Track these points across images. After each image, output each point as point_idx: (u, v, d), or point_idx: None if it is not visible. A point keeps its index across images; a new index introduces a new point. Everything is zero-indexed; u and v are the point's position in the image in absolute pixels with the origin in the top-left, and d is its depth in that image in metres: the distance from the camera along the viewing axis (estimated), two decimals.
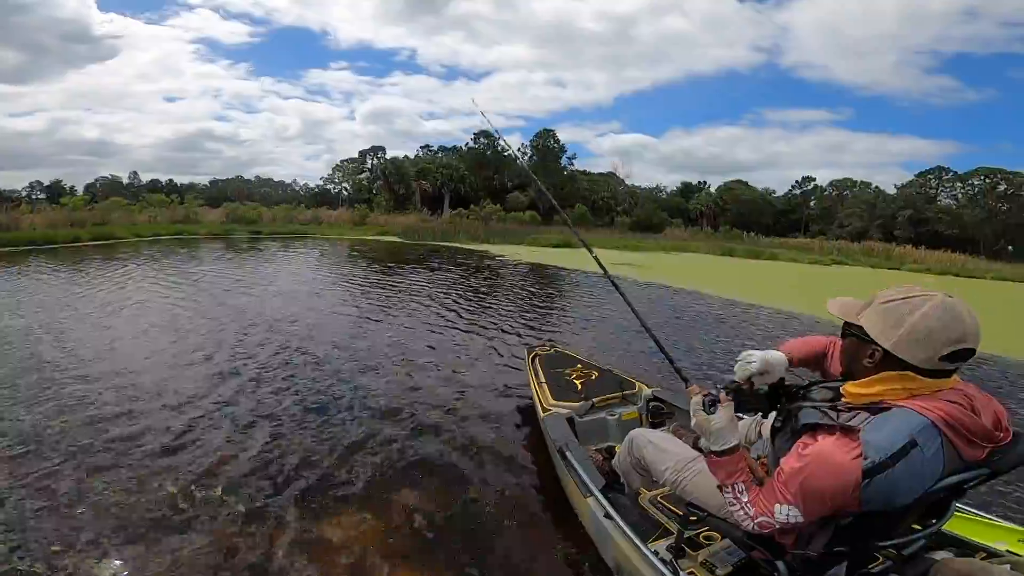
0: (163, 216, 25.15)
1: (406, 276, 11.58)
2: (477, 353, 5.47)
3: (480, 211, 35.43)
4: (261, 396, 3.99)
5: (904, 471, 1.09)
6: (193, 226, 23.30)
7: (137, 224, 22.46)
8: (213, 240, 20.47)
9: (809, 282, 14.66)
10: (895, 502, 1.14)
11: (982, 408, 1.16)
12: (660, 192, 57.64)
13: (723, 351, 5.99)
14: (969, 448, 1.14)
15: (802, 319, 8.24)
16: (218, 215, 27.10)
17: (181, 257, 13.88)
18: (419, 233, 25.09)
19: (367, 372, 4.65)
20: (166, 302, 7.64)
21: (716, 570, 1.64)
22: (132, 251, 14.74)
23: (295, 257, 15.48)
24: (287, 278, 10.68)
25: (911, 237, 36.24)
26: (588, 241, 2.77)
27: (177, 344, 5.42)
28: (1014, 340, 6.96)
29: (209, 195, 55.04)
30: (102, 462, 2.93)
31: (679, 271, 15.25)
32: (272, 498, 2.64)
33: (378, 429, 3.46)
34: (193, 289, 8.76)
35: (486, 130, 48.24)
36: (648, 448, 1.87)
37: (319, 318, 6.86)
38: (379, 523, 2.47)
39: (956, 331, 1.12)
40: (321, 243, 21.06)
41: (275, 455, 3.08)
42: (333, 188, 59.34)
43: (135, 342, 5.52)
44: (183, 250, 15.76)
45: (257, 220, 26.82)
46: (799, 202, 51.87)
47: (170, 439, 3.23)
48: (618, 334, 6.63)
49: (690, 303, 9.47)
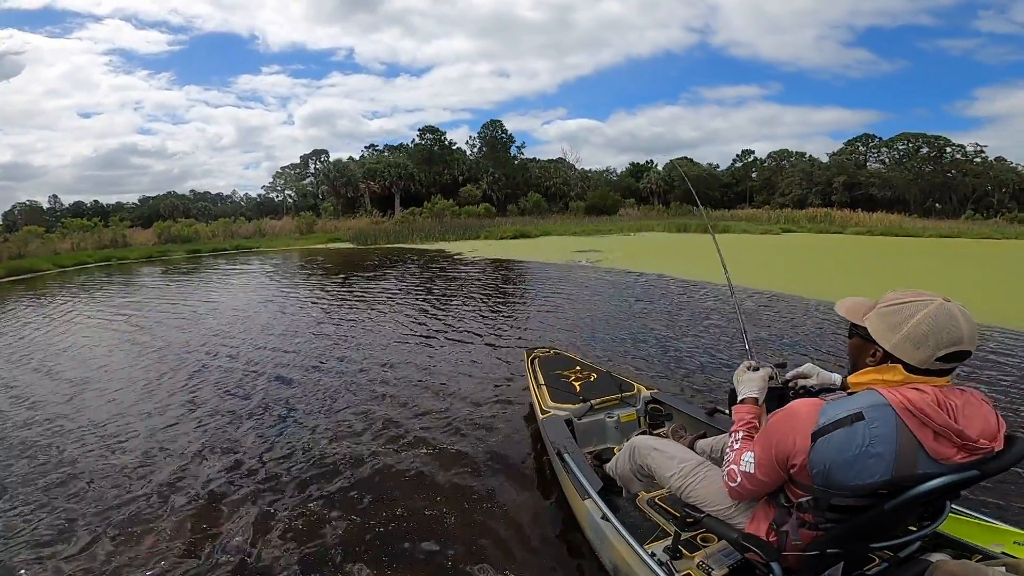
0: (89, 242, 23.22)
1: (363, 285, 10.95)
2: (465, 356, 5.35)
3: (432, 208, 34.63)
4: (240, 422, 3.88)
5: (843, 438, 1.17)
6: (123, 250, 21.57)
7: (60, 253, 20.62)
8: (146, 264, 18.99)
9: (772, 255, 14.83)
10: (836, 476, 1.19)
11: (965, 412, 1.18)
12: (611, 174, 58.12)
13: (723, 345, 5.76)
14: (935, 441, 1.15)
15: (785, 299, 7.75)
16: (149, 236, 25.28)
17: (111, 287, 12.68)
18: (371, 236, 24.22)
19: (350, 387, 4.54)
20: (110, 339, 6.81)
21: (712, 572, 1.64)
22: (57, 284, 13.39)
23: (240, 276, 14.46)
24: (236, 300, 9.77)
25: (847, 201, 38.46)
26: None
27: (138, 384, 4.89)
28: (984, 302, 7.19)
29: (139, 214, 51.69)
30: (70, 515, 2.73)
31: (645, 254, 15.10)
32: (276, 502, 2.73)
33: (371, 436, 3.50)
34: (130, 324, 7.85)
35: (432, 125, 47.37)
36: (653, 455, 1.88)
37: (280, 341, 6.29)
38: (376, 525, 2.50)
39: (953, 335, 1.17)
40: (267, 257, 19.91)
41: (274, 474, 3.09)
42: (276, 196, 56.83)
43: (90, 385, 4.91)
44: (112, 278, 14.46)
45: (194, 238, 25.19)
46: (742, 175, 53.69)
47: (166, 478, 3.10)
48: (593, 325, 6.38)
49: (675, 290, 9.17)
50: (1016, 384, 4.11)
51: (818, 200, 41.13)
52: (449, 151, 46.67)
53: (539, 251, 16.68)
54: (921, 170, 44.03)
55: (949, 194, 42.75)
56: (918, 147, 45.19)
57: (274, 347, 5.93)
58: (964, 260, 12.77)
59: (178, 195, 62.21)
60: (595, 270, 11.81)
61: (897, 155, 46.24)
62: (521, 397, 4.03)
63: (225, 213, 44.44)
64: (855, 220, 27.26)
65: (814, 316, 6.72)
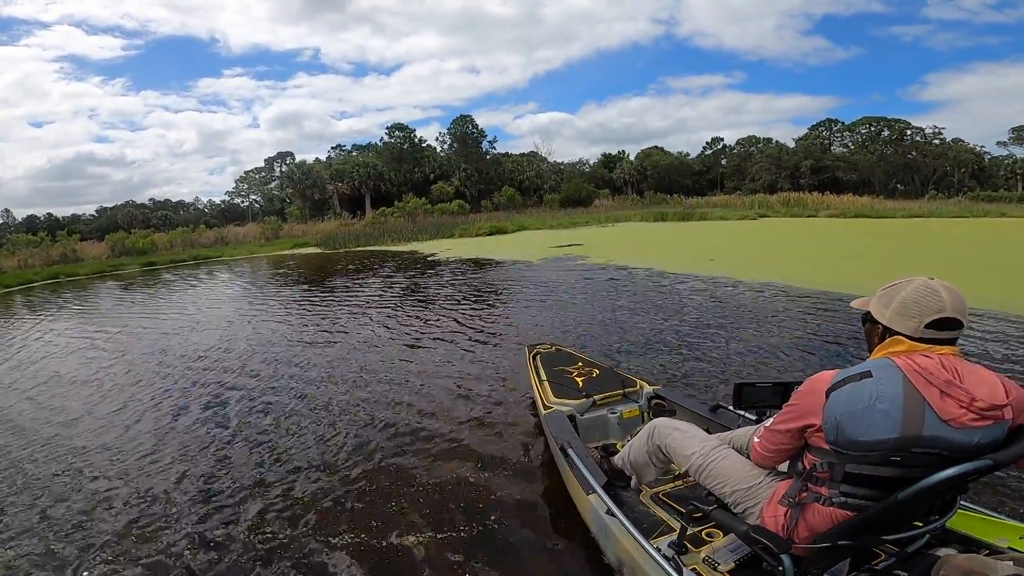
0: (37, 258, 21.71)
1: (331, 292, 10.20)
2: (460, 357, 5.24)
3: (404, 207, 33.70)
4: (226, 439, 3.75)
5: (852, 391, 1.24)
6: (72, 266, 20.18)
7: (6, 272, 19.16)
8: (97, 279, 17.73)
9: (757, 241, 14.53)
10: (847, 430, 1.22)
11: (970, 379, 1.20)
12: (583, 166, 57.91)
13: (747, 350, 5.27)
14: (941, 400, 1.17)
15: (789, 293, 7.01)
16: (102, 249, 23.80)
17: (54, 306, 11.61)
18: (340, 240, 23.28)
19: (346, 393, 4.44)
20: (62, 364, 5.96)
21: (719, 566, 1.60)
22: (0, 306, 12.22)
23: (192, 289, 13.49)
24: (195, 314, 8.88)
25: (815, 184, 39.10)
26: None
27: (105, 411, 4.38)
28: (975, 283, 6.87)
29: (97, 226, 49.07)
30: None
31: (628, 247, 14.47)
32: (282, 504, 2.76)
33: (370, 437, 3.50)
34: (76, 349, 6.99)
35: (401, 123, 46.24)
36: (674, 434, 1.88)
37: (256, 355, 5.77)
38: (378, 522, 2.51)
39: (935, 303, 1.25)
40: (228, 266, 18.84)
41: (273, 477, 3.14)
42: (242, 202, 54.91)
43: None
44: (56, 297, 13.32)
45: (150, 249, 23.84)
46: (712, 162, 54.44)
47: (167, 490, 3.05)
48: (585, 326, 5.80)
49: (666, 284, 8.47)
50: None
51: (787, 184, 41.83)
52: (419, 149, 45.67)
53: (517, 248, 16.06)
54: (883, 152, 45.49)
55: (912, 175, 43.99)
56: (880, 130, 46.74)
57: (222, 366, 5.27)
58: (960, 242, 12.35)
59: (136, 204, 59.33)
60: (579, 267, 11.15)
61: (860, 138, 47.75)
62: (517, 395, 3.97)
63: (188, 221, 42.53)
64: (827, 203, 27.50)
65: (828, 310, 6.11)
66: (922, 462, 1.18)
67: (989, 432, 1.18)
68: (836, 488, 1.30)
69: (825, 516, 1.33)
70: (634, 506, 2.03)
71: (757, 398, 1.90)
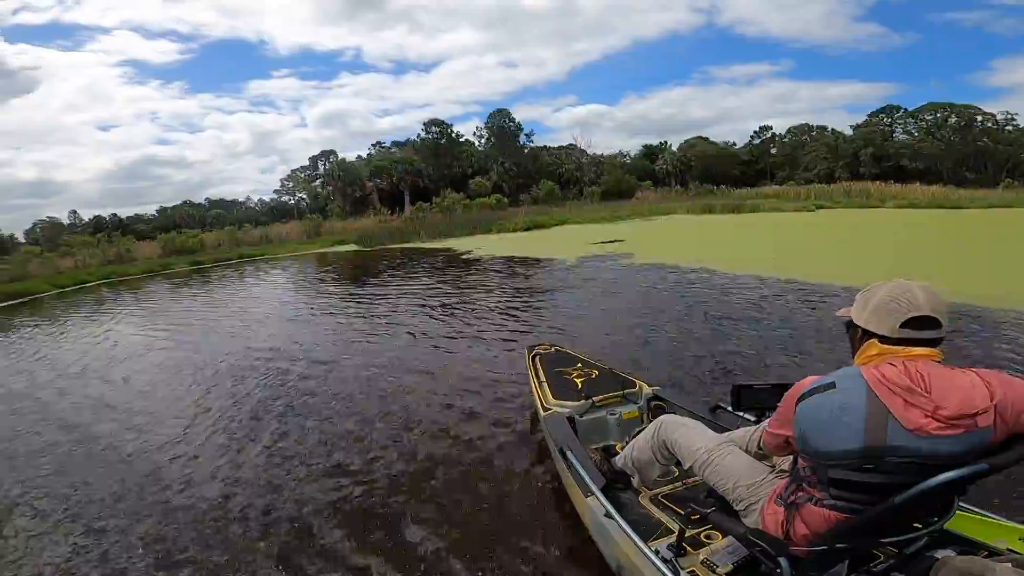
0: (94, 258, 22.78)
1: (360, 293, 9.90)
2: (461, 358, 5.26)
3: (442, 203, 33.52)
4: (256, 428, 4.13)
5: (816, 403, 1.26)
6: (124, 266, 21.00)
7: (63, 272, 20.14)
8: (147, 279, 18.33)
9: (825, 236, 13.15)
10: (811, 441, 1.26)
11: (939, 384, 1.17)
12: (624, 157, 56.16)
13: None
14: (905, 410, 1.16)
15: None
16: (154, 249, 24.75)
17: (106, 308, 11.93)
18: (376, 238, 23.26)
19: (348, 394, 4.55)
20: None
21: (717, 568, 1.60)
22: (51, 307, 12.72)
23: (233, 288, 13.59)
24: (219, 316, 8.85)
25: (876, 173, 36.38)
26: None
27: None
28: None
29: (157, 225, 51.58)
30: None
31: (675, 243, 13.41)
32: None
33: (374, 436, 3.56)
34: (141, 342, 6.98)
35: (437, 118, 46.14)
36: (681, 430, 1.90)
37: (275, 353, 5.49)
38: (377, 520, 2.54)
39: (910, 302, 1.23)
40: (269, 265, 19.08)
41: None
42: (289, 199, 56.40)
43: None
44: (108, 299, 13.76)
45: (198, 249, 24.59)
46: (760, 151, 51.74)
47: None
48: (635, 341, 5.10)
49: (733, 292, 7.23)
50: None
51: (846, 174, 39.36)
52: (457, 144, 45.45)
53: (555, 245, 15.33)
54: (951, 140, 42.21)
55: (984, 163, 40.42)
56: (946, 117, 43.46)
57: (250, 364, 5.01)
58: None
59: (193, 204, 62.02)
60: (622, 267, 10.18)
61: (925, 125, 44.57)
62: (523, 396, 3.88)
63: (239, 220, 44.07)
64: (893, 193, 25.25)
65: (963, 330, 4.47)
66: (902, 469, 1.18)
67: (962, 441, 1.15)
68: (826, 491, 1.30)
69: (820, 517, 1.32)
70: (633, 508, 2.03)
71: (755, 400, 1.89)
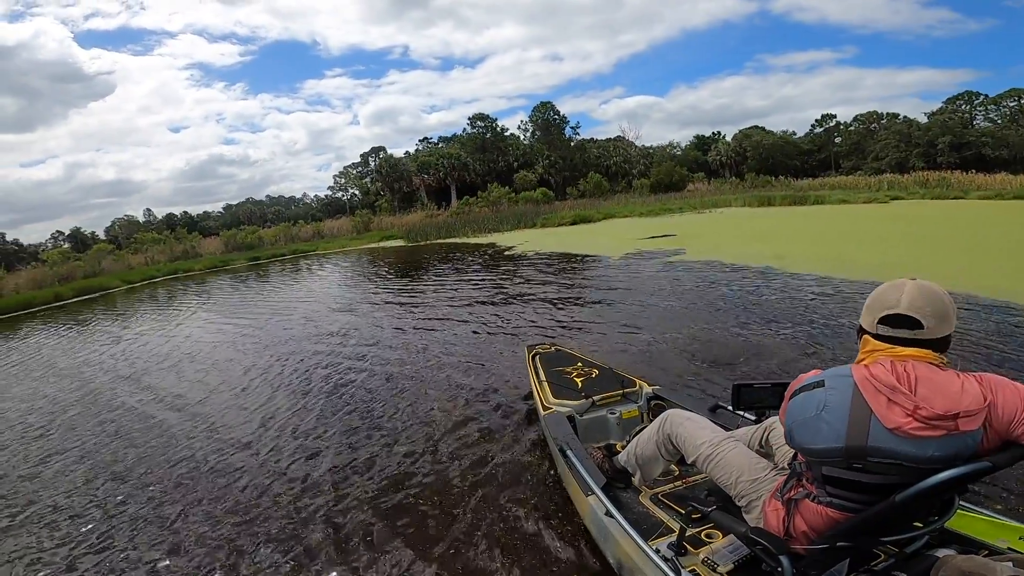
0: (163, 254, 24.26)
1: (404, 288, 9.90)
2: (464, 358, 5.19)
3: (488, 197, 33.49)
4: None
5: (803, 399, 1.29)
6: (189, 262, 22.23)
7: (133, 268, 21.56)
8: (210, 274, 19.29)
9: (907, 230, 11.72)
10: (796, 436, 1.30)
11: (927, 385, 1.16)
12: (675, 149, 54.16)
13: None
14: (887, 408, 1.16)
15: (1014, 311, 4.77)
16: (217, 245, 26.05)
17: (153, 304, 12.60)
18: (423, 232, 23.46)
19: (362, 390, 4.64)
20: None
21: (717, 567, 1.59)
22: (125, 301, 13.57)
23: (286, 283, 14.00)
24: (262, 314, 9.08)
25: (956, 162, 33.53)
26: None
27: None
28: None
29: (223, 222, 54.60)
30: None
31: (733, 238, 12.33)
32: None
33: (378, 437, 3.58)
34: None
35: (482, 112, 46.13)
36: (686, 424, 1.90)
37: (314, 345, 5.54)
38: (377, 519, 2.55)
39: (888, 299, 1.25)
40: (318, 260, 19.62)
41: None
42: (342, 195, 58.18)
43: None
44: (173, 293, 14.53)
45: (257, 244, 25.67)
46: (824, 141, 48.51)
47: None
48: (700, 357, 4.63)
49: (810, 296, 6.16)
50: None
51: (920, 163, 36.30)
52: (502, 138, 45.29)
53: (602, 239, 14.79)
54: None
55: None
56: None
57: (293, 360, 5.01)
58: None
59: (255, 201, 65.37)
60: (674, 264, 9.32)
61: (1008, 112, 40.94)
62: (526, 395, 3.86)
63: (297, 216, 45.89)
64: (976, 183, 22.86)
65: None
66: (889, 470, 1.18)
67: (944, 444, 1.13)
68: (822, 488, 1.31)
69: (818, 514, 1.32)
70: (633, 507, 2.03)
71: (755, 398, 1.86)
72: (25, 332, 10.94)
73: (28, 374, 6.94)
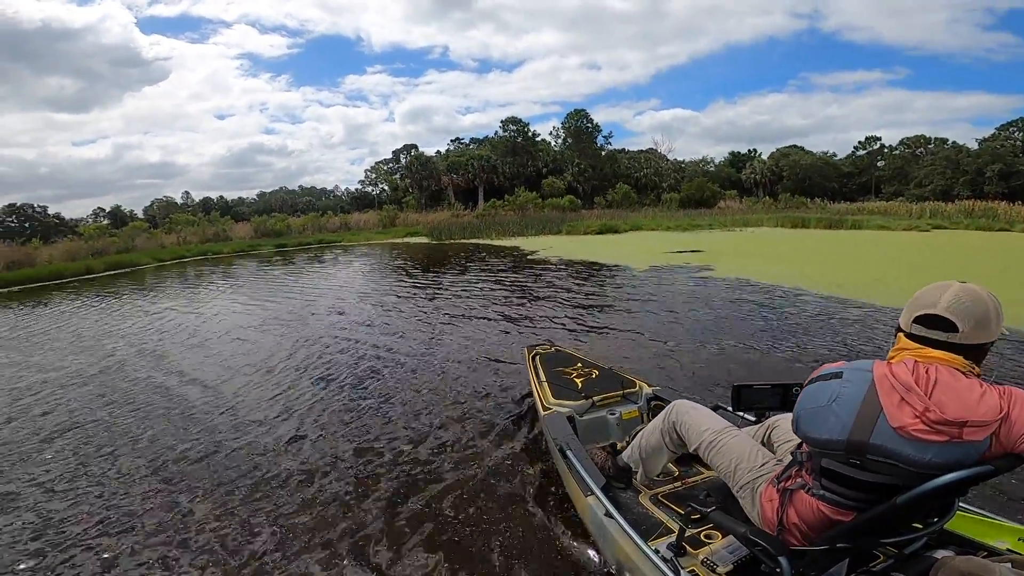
0: (195, 235, 24.87)
1: (424, 284, 9.85)
2: (467, 358, 5.11)
3: (515, 201, 33.46)
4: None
5: (817, 388, 1.28)
6: (219, 244, 22.73)
7: (165, 247, 22.13)
8: (236, 258, 19.65)
9: (948, 261, 11.53)
10: (802, 423, 1.30)
11: (943, 389, 1.13)
12: (708, 164, 53.30)
13: None
14: (897, 407, 1.15)
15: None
16: (247, 230, 26.59)
17: (180, 281, 12.83)
18: (448, 231, 23.51)
19: (370, 390, 4.52)
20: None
21: (717, 568, 1.60)
22: (141, 279, 13.89)
23: (311, 269, 14.13)
24: (278, 299, 9.15)
25: (1004, 192, 32.13)
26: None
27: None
28: None
29: (257, 209, 55.90)
30: None
31: (763, 257, 12.01)
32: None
33: (380, 436, 3.49)
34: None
35: (515, 116, 46.21)
36: (692, 413, 1.91)
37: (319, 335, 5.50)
38: (377, 519, 2.51)
39: (928, 299, 1.22)
40: (343, 251, 19.79)
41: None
42: (372, 190, 58.98)
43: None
44: (197, 273, 14.81)
45: (285, 232, 26.10)
46: (865, 164, 47.11)
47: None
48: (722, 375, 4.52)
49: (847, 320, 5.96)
50: None
51: (966, 191, 34.83)
52: (533, 142, 45.28)
53: (626, 250, 14.54)
54: None
55: None
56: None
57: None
58: None
59: (288, 191, 66.90)
60: (701, 280, 9.09)
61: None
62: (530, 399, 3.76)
63: (328, 207, 46.64)
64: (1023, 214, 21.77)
65: None
66: (886, 470, 1.17)
67: (945, 451, 1.11)
68: (818, 480, 1.31)
69: (809, 507, 1.32)
70: (633, 508, 2.04)
71: (755, 399, 1.86)
72: (56, 301, 11.24)
73: (52, 343, 7.08)
